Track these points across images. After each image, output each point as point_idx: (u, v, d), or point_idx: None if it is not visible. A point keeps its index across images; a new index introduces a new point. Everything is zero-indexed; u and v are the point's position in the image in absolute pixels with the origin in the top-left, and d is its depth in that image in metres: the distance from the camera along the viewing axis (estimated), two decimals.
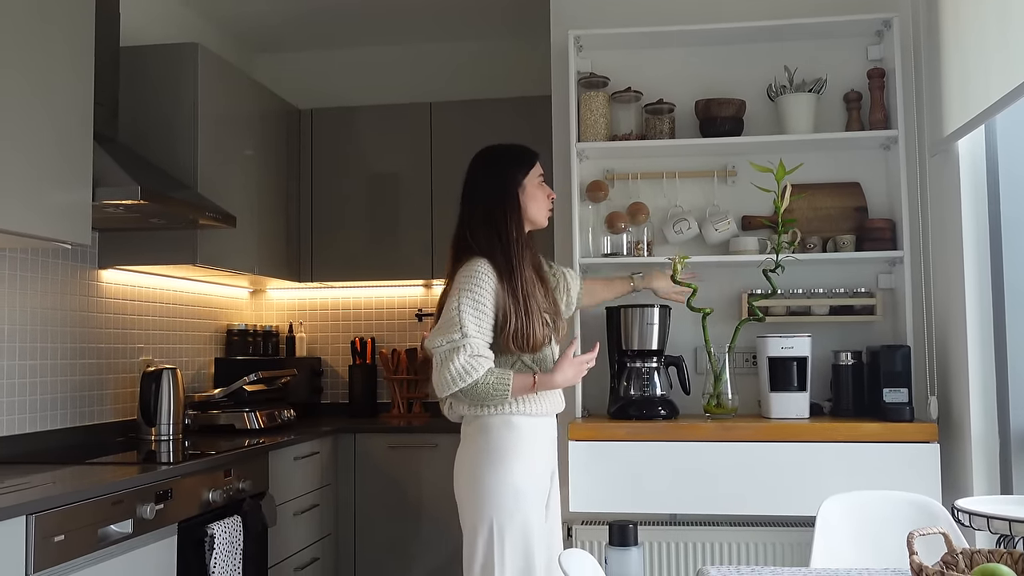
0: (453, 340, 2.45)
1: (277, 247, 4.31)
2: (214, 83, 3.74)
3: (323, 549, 3.95)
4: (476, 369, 2.44)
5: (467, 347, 2.44)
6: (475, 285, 2.49)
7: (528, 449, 2.54)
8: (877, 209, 3.44)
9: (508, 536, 2.47)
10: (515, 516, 2.49)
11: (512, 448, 2.52)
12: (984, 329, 2.98)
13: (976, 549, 1.68)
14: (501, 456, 2.51)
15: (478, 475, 2.51)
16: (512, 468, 2.50)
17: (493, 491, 2.49)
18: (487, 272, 2.51)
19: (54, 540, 2.21)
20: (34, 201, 2.59)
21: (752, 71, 3.52)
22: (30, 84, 2.58)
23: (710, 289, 3.42)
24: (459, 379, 2.43)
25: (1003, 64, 2.59)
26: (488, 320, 2.50)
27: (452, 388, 2.45)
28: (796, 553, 3.16)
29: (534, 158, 2.71)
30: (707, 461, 3.07)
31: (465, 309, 2.46)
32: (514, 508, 2.49)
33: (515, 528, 2.48)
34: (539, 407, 2.58)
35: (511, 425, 2.53)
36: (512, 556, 2.47)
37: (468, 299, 2.48)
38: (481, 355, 2.47)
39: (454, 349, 2.44)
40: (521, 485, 2.51)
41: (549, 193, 2.72)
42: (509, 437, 2.52)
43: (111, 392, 3.57)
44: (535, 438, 2.58)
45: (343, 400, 4.75)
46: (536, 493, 2.56)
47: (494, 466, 2.50)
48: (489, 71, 4.80)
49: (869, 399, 3.23)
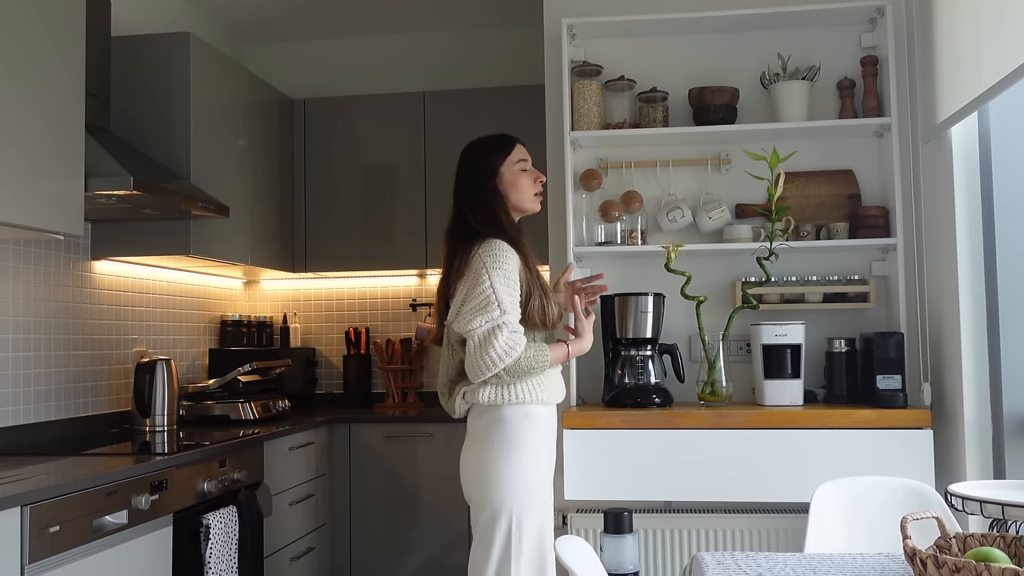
0: (492, 318, 2.42)
1: (271, 237, 4.30)
2: (206, 73, 3.72)
3: (318, 539, 3.95)
4: (519, 344, 2.43)
5: (507, 324, 2.43)
6: (504, 262, 2.47)
7: (544, 439, 2.55)
8: (870, 196, 3.45)
9: (527, 528, 2.46)
10: (532, 507, 2.48)
11: (531, 439, 2.50)
12: (977, 315, 2.99)
13: (969, 533, 1.69)
14: (524, 447, 2.48)
15: (499, 468, 2.46)
16: (534, 459, 2.49)
17: (516, 483, 2.46)
18: (509, 250, 2.50)
19: (49, 531, 2.21)
20: (26, 192, 2.58)
21: (745, 59, 3.52)
22: (21, 74, 2.57)
23: (704, 277, 3.43)
24: (505, 356, 2.41)
25: (996, 51, 2.59)
26: (518, 296, 2.49)
27: (497, 367, 2.42)
28: (790, 539, 3.18)
29: (510, 144, 2.66)
30: (702, 449, 3.08)
31: (499, 286, 2.44)
32: (535, 499, 2.48)
33: (533, 520, 2.48)
34: (551, 395, 2.57)
35: (529, 415, 2.51)
36: (529, 548, 2.47)
37: (499, 276, 2.45)
38: (519, 331, 2.46)
39: (495, 328, 2.41)
40: (541, 475, 2.52)
41: (536, 178, 2.65)
42: (528, 427, 2.50)
43: (105, 383, 3.57)
44: (549, 427, 2.58)
45: (338, 390, 4.76)
46: (550, 482, 2.58)
47: (517, 457, 2.47)
48: (483, 60, 4.79)
49: (863, 386, 3.24)
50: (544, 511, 2.52)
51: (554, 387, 2.59)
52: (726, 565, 1.99)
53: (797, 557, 2.05)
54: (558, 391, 2.62)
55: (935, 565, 1.50)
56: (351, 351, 4.66)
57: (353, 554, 4.10)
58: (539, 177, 2.67)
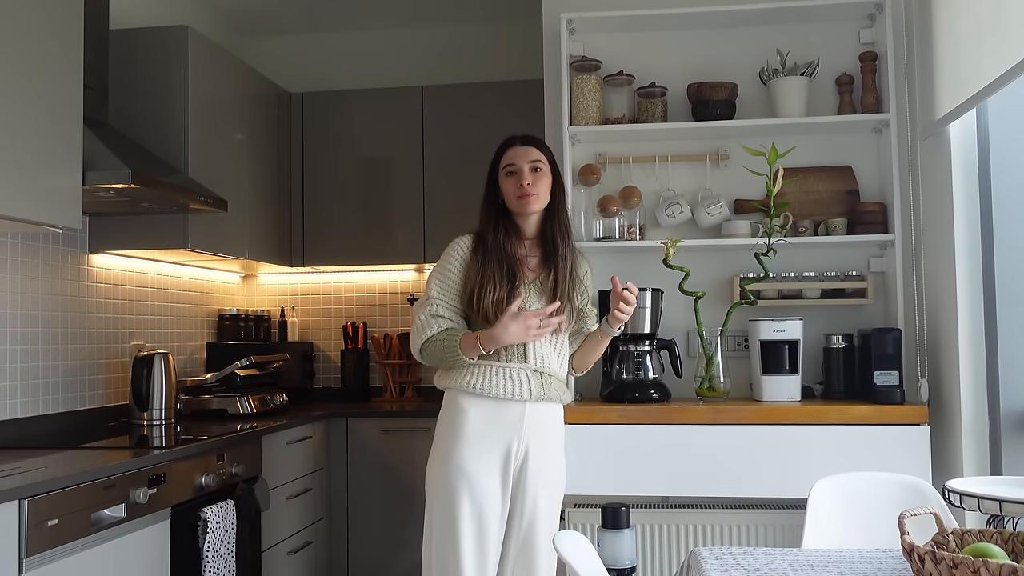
0: (421, 302, 2.65)
1: (268, 232, 4.30)
2: (204, 66, 3.71)
3: (316, 533, 3.95)
4: (430, 326, 2.59)
5: (427, 305, 2.62)
6: (445, 257, 2.68)
7: (471, 429, 2.55)
8: (869, 192, 3.45)
9: (435, 513, 2.57)
10: (439, 495, 2.55)
11: (451, 427, 2.58)
12: (975, 312, 2.99)
13: (967, 529, 1.69)
14: (442, 435, 2.60)
15: (431, 452, 2.64)
16: (446, 448, 2.57)
17: (432, 470, 2.60)
18: (458, 245, 2.68)
19: (47, 524, 2.21)
20: (24, 185, 2.57)
21: (744, 54, 3.52)
22: (18, 67, 2.56)
23: (702, 273, 3.43)
24: (418, 333, 2.60)
25: (995, 47, 2.59)
26: (452, 285, 2.64)
27: (414, 344, 2.62)
28: (788, 535, 3.18)
29: (503, 148, 2.73)
30: (699, 444, 3.08)
31: (432, 277, 2.67)
32: (440, 487, 2.55)
33: (438, 507, 2.55)
34: (490, 387, 2.56)
35: (454, 404, 2.60)
36: (432, 538, 2.57)
37: (437, 269, 2.68)
38: (440, 315, 2.61)
39: (419, 308, 2.64)
40: (458, 467, 2.54)
41: (518, 182, 2.64)
42: (450, 416, 2.60)
43: (103, 377, 3.56)
44: (481, 420, 2.56)
45: (335, 385, 4.75)
46: (475, 477, 2.53)
47: (436, 445, 2.62)
48: (481, 55, 4.79)
49: (860, 382, 3.24)
50: (451, 505, 2.52)
51: (494, 380, 2.56)
52: (724, 560, 1.99)
53: (795, 552, 2.05)
54: (503, 386, 2.57)
55: (933, 561, 1.50)
56: (349, 345, 4.66)
57: (351, 548, 4.11)
58: (520, 181, 2.65)
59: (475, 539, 2.52)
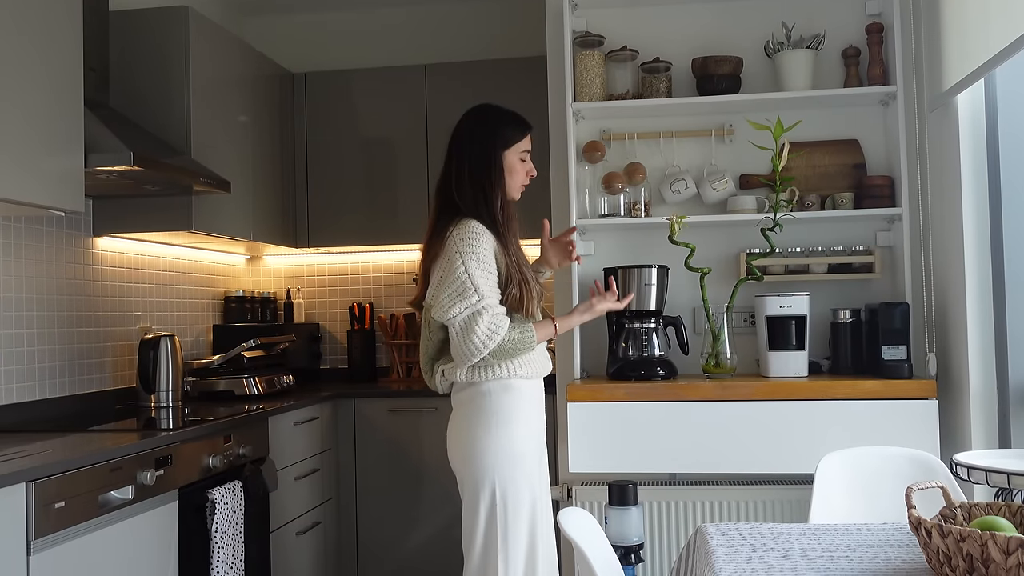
0: (471, 304, 2.43)
1: (273, 213, 4.29)
2: (205, 47, 3.69)
3: (324, 513, 3.97)
4: (501, 327, 2.44)
5: (487, 308, 2.44)
6: (477, 246, 2.47)
7: (527, 412, 2.54)
8: (876, 166, 3.42)
9: (512, 501, 2.47)
10: (518, 480, 2.49)
11: (513, 411, 2.51)
12: (983, 285, 2.97)
13: (974, 503, 1.69)
14: (505, 420, 2.50)
15: (479, 441, 2.49)
16: (515, 432, 2.50)
17: (497, 456, 2.48)
18: (483, 232, 2.51)
19: (54, 507, 2.22)
20: (26, 168, 2.56)
21: (749, 28, 3.48)
22: (18, 49, 2.55)
23: (708, 249, 3.41)
24: (488, 342, 2.43)
25: (1002, 17, 2.56)
26: (495, 278, 2.50)
27: (482, 353, 2.44)
28: (795, 510, 3.18)
29: (526, 130, 2.66)
30: (706, 420, 3.07)
31: (474, 271, 2.44)
32: (520, 472, 2.49)
33: (520, 493, 2.48)
34: (533, 369, 2.57)
35: (511, 388, 2.52)
36: (516, 521, 2.47)
37: (473, 260, 2.45)
38: (501, 312, 2.47)
39: (475, 314, 2.43)
40: (523, 449, 2.51)
41: (529, 171, 2.66)
42: (509, 400, 2.51)
43: (109, 360, 3.57)
44: (533, 400, 2.58)
45: (342, 365, 4.76)
46: (537, 456, 2.57)
47: (497, 431, 2.49)
48: (484, 32, 4.75)
49: (868, 356, 3.23)
50: (533, 483, 2.52)
51: (538, 362, 2.59)
52: (730, 536, 1.99)
53: (802, 528, 2.05)
54: (543, 365, 2.62)
55: (940, 534, 1.50)
56: (355, 326, 4.66)
57: (359, 528, 4.12)
58: (531, 172, 2.67)
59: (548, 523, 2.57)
